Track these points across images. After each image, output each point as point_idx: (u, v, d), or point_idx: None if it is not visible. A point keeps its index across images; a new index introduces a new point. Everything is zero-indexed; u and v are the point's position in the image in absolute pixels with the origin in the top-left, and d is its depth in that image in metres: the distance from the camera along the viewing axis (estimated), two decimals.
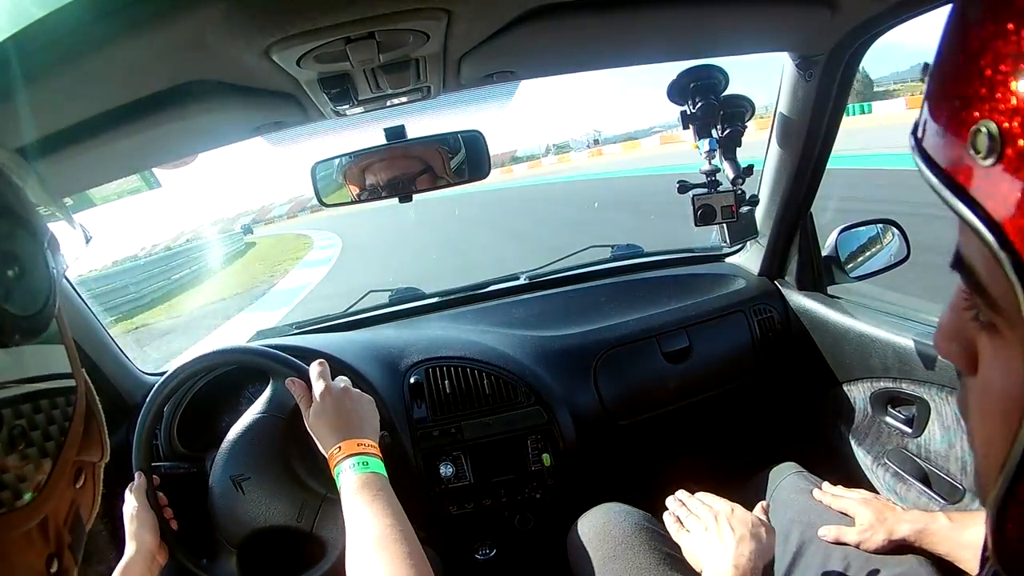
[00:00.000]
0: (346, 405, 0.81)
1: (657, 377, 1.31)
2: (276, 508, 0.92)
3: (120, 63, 0.61)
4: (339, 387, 0.84)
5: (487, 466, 1.21)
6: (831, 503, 0.97)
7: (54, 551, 0.32)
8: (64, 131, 0.72)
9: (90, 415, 0.35)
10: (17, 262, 0.31)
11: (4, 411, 0.29)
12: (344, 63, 0.72)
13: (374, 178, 1.04)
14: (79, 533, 0.35)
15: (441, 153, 1.03)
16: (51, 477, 0.31)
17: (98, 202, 1.23)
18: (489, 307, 1.47)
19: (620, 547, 0.92)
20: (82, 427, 0.34)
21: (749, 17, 0.85)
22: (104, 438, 0.36)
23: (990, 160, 0.22)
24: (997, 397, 0.26)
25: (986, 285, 0.24)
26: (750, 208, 1.16)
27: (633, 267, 1.56)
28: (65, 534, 0.33)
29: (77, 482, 0.34)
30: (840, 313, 1.24)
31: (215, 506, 0.95)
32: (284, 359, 0.94)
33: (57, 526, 0.33)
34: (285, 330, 1.51)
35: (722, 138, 1.06)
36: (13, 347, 0.30)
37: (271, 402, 0.98)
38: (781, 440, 1.43)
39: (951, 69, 0.25)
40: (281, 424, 0.95)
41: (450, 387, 1.22)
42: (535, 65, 0.91)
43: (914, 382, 1.06)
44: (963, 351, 0.29)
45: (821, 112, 1.09)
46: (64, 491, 0.33)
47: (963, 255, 0.26)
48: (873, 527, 0.88)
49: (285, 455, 0.94)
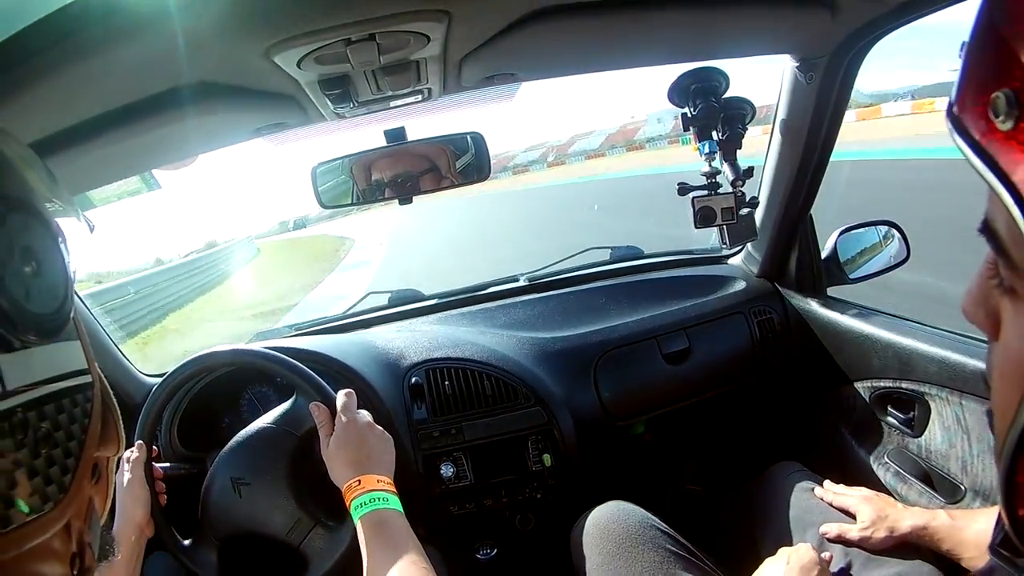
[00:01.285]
0: (368, 440, 0.82)
1: (657, 378, 1.31)
2: (269, 519, 0.92)
3: (120, 64, 0.61)
4: (363, 421, 0.85)
5: (488, 466, 1.21)
6: (832, 500, 0.97)
7: (76, 551, 0.32)
8: (64, 132, 0.72)
9: (106, 409, 0.35)
10: (34, 258, 0.29)
11: (29, 415, 0.28)
12: (345, 65, 0.72)
13: (375, 180, 1.04)
14: (95, 529, 0.34)
15: (442, 154, 1.03)
16: (75, 476, 0.31)
17: (98, 204, 1.23)
18: (489, 308, 1.47)
19: (623, 545, 0.91)
20: (100, 423, 0.34)
21: (750, 20, 0.85)
22: (120, 431, 0.36)
23: (1008, 124, 0.23)
24: (1015, 360, 0.27)
25: (1008, 249, 0.25)
26: (750, 210, 1.16)
27: (632, 268, 1.56)
28: (85, 532, 0.33)
29: (95, 477, 0.34)
30: (840, 314, 1.24)
31: (209, 498, 0.94)
32: (316, 382, 0.93)
33: (79, 525, 0.32)
34: (284, 332, 1.51)
35: (722, 140, 1.06)
36: (35, 347, 0.29)
37: (287, 416, 0.97)
38: (781, 441, 1.43)
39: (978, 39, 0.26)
40: (293, 441, 0.94)
41: (450, 388, 1.22)
42: (536, 67, 0.91)
43: (914, 382, 1.06)
44: (987, 317, 0.30)
45: (821, 115, 1.10)
46: (86, 488, 0.32)
47: (989, 221, 0.27)
48: (875, 524, 0.88)
49: (290, 471, 0.93)
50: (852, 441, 1.23)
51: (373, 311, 1.56)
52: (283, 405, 0.99)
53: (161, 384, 0.99)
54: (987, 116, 0.25)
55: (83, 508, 0.32)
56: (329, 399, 0.89)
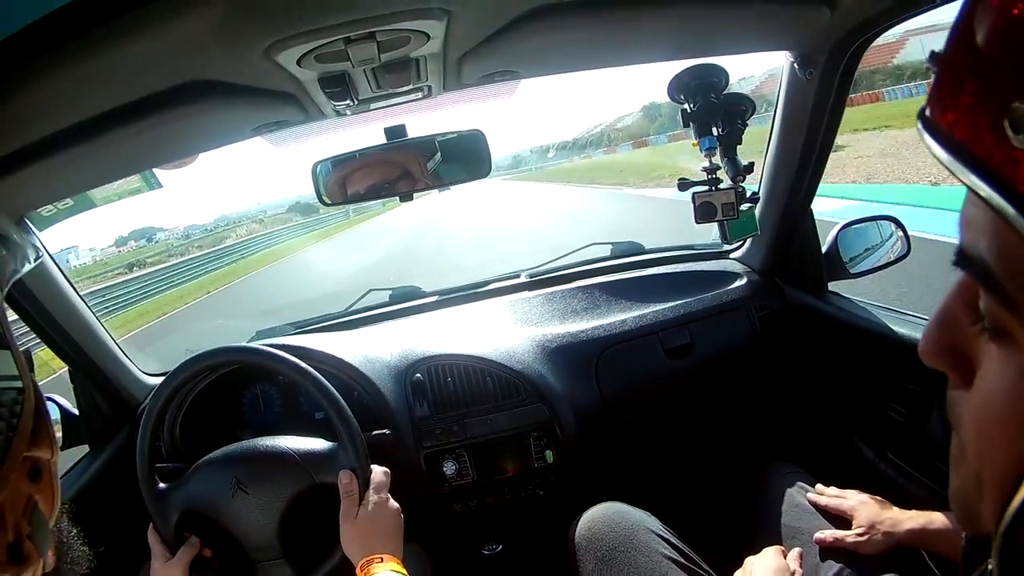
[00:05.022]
0: (395, 523, 0.89)
1: (659, 374, 1.31)
2: (247, 530, 0.94)
3: (121, 63, 0.61)
4: (394, 505, 0.90)
5: (490, 464, 1.21)
6: (827, 504, 0.95)
7: (13, 540, 0.35)
8: (65, 131, 0.72)
9: (39, 415, 0.37)
10: None
11: None
12: (344, 63, 0.72)
13: (376, 177, 1.04)
14: (40, 526, 0.37)
15: (443, 152, 1.03)
16: (1, 471, 0.34)
17: (99, 203, 1.23)
18: (490, 305, 1.47)
19: (616, 549, 0.91)
20: (31, 425, 0.36)
21: (749, 16, 0.85)
22: (53, 436, 0.39)
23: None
24: (1002, 412, 0.24)
25: (1001, 281, 0.22)
26: (750, 205, 1.16)
27: (634, 264, 1.56)
28: (24, 525, 0.36)
29: (33, 479, 0.37)
30: (840, 309, 1.24)
31: (201, 474, 0.96)
32: (359, 445, 0.94)
33: (15, 518, 0.35)
34: (286, 330, 1.51)
35: (722, 136, 1.06)
36: None
37: (315, 457, 0.95)
38: (783, 437, 1.43)
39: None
40: (307, 482, 0.94)
41: (452, 385, 1.22)
42: (536, 65, 0.91)
43: (916, 377, 1.06)
44: (957, 363, 0.27)
45: (821, 110, 1.09)
46: (18, 484, 0.35)
47: (968, 250, 0.23)
48: (871, 528, 0.87)
49: (289, 504, 0.94)
50: (853, 436, 1.23)
51: (374, 308, 1.57)
52: (318, 443, 0.97)
53: (164, 383, 1.00)
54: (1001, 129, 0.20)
55: (18, 503, 0.35)
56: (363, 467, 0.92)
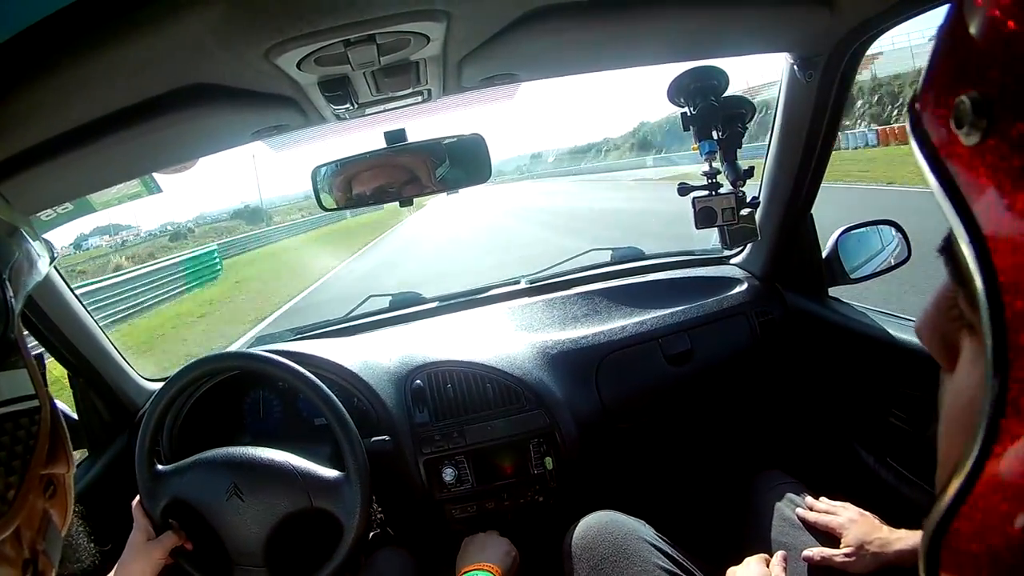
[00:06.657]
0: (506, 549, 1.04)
1: (659, 380, 1.31)
2: (235, 533, 0.94)
3: (120, 66, 0.61)
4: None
5: (489, 470, 1.20)
6: (816, 520, 0.93)
7: (29, 557, 0.34)
8: (63, 135, 0.72)
9: (55, 432, 0.37)
10: None
11: None
12: (344, 66, 0.72)
13: (376, 182, 1.03)
14: (54, 539, 0.36)
15: (443, 156, 1.03)
16: (20, 491, 0.33)
17: (98, 207, 1.23)
18: (490, 311, 1.46)
19: (608, 559, 0.90)
20: (47, 444, 0.35)
21: (749, 18, 0.85)
22: (69, 451, 0.38)
23: (974, 138, 0.19)
24: (963, 402, 0.24)
25: (969, 280, 0.21)
26: (750, 210, 1.15)
27: (633, 270, 1.55)
28: (40, 541, 0.35)
29: (48, 493, 0.36)
30: (841, 315, 1.24)
31: (200, 470, 0.96)
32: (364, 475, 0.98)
33: (31, 535, 0.34)
34: (285, 336, 1.50)
35: (722, 140, 1.05)
36: None
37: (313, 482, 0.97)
38: (781, 443, 1.42)
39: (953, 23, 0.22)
40: (304, 503, 0.95)
41: (452, 391, 1.21)
42: (536, 67, 0.91)
43: (916, 382, 1.05)
44: (944, 346, 0.26)
45: (821, 113, 1.09)
46: (35, 502, 0.34)
47: (953, 243, 0.22)
48: (860, 548, 0.85)
49: (282, 520, 0.95)
50: (855, 442, 1.22)
51: (374, 314, 1.56)
52: (323, 470, 0.98)
53: (163, 388, 0.99)
54: (948, 124, 0.20)
55: (35, 519, 0.35)
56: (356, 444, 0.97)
